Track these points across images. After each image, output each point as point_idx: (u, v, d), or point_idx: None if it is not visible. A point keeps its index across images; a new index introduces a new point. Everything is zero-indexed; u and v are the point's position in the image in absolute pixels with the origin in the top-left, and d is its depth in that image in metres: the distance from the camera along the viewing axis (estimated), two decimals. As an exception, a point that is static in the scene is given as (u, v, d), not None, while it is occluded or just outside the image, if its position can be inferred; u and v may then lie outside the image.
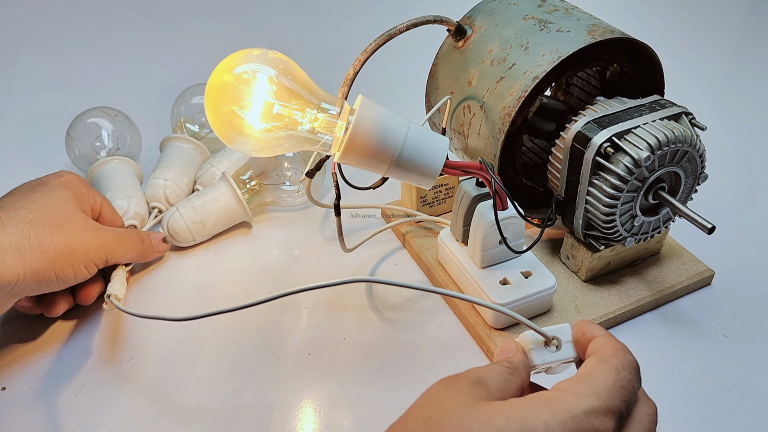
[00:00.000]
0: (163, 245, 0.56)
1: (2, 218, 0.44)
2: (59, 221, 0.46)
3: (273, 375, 0.48)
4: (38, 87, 0.87)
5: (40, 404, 0.46)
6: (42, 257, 0.44)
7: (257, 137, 0.42)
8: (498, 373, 0.32)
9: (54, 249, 0.45)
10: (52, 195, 0.47)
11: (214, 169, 0.63)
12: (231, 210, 0.59)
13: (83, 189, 0.51)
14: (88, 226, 0.48)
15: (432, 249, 0.57)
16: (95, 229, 0.48)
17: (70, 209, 0.48)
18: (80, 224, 0.47)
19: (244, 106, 0.41)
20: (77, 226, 0.47)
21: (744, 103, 0.82)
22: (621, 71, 0.53)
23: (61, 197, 0.48)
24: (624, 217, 0.48)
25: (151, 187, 0.61)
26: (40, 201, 0.46)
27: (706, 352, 0.49)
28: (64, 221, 0.46)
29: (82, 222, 0.48)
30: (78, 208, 0.49)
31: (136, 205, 0.58)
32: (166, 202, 0.61)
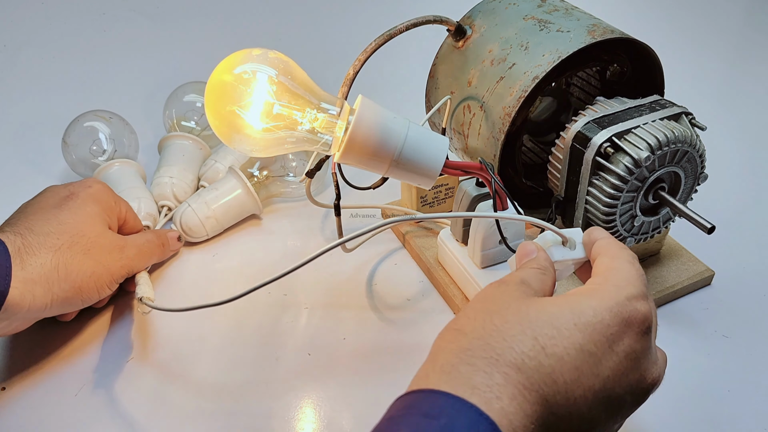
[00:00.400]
0: (178, 243, 0.57)
1: (32, 244, 0.44)
2: (86, 247, 0.46)
3: (273, 375, 0.48)
4: (38, 87, 0.87)
5: (40, 404, 0.46)
6: (69, 287, 0.45)
7: (257, 137, 0.42)
8: (534, 274, 0.35)
9: (81, 278, 0.46)
10: (80, 213, 0.48)
11: (218, 165, 0.63)
12: (242, 203, 0.60)
13: (111, 201, 0.51)
14: (113, 248, 0.49)
15: (432, 249, 0.57)
16: (119, 249, 0.49)
17: (97, 229, 0.48)
18: (106, 247, 0.48)
19: (244, 106, 0.41)
20: (103, 250, 0.48)
21: (744, 103, 0.82)
22: (621, 71, 0.53)
23: (89, 215, 0.48)
24: (624, 217, 0.48)
25: (158, 186, 0.61)
26: (68, 223, 0.47)
27: (706, 352, 0.49)
28: (90, 246, 0.47)
29: (108, 244, 0.48)
30: (105, 225, 0.49)
31: (146, 205, 0.59)
32: (174, 200, 0.61)
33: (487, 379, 0.28)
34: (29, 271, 0.43)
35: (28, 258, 0.43)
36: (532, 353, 0.29)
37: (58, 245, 0.45)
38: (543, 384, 0.29)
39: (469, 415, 0.27)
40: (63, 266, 0.45)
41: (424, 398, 0.28)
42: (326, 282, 0.56)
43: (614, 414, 0.31)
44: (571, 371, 0.29)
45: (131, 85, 0.86)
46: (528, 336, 0.30)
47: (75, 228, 0.47)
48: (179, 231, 0.58)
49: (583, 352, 0.30)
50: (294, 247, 0.60)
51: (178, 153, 0.63)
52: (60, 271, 0.44)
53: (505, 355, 0.29)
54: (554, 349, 0.29)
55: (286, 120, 0.42)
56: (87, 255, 0.46)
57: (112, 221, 0.51)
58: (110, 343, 0.50)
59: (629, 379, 0.31)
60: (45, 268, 0.44)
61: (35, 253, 0.44)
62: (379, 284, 0.56)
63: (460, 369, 0.29)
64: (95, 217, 0.48)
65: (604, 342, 0.30)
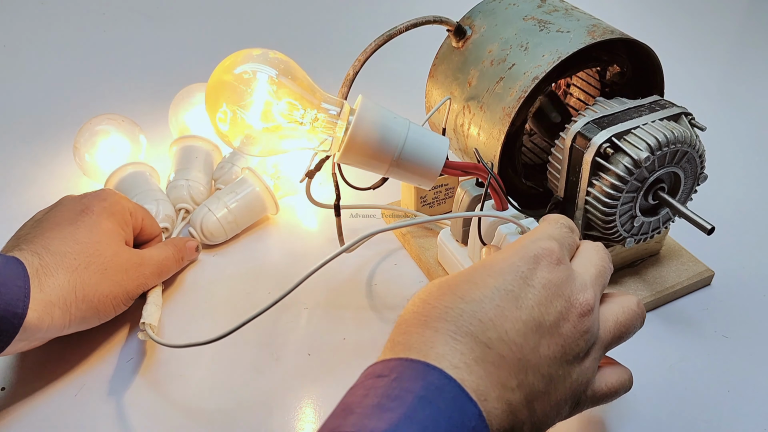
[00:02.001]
0: (195, 254, 0.57)
1: (50, 265, 0.44)
2: (103, 266, 0.47)
3: (273, 375, 0.48)
4: (38, 87, 0.87)
5: (40, 404, 0.46)
6: (87, 307, 0.45)
7: (257, 137, 0.42)
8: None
9: (98, 299, 0.46)
10: (96, 231, 0.48)
11: (235, 167, 0.63)
12: (261, 204, 0.60)
13: (126, 213, 0.51)
14: (130, 266, 0.49)
15: (432, 249, 0.57)
16: (136, 266, 0.49)
17: (113, 248, 0.48)
18: (122, 266, 0.48)
19: (245, 106, 0.42)
20: (119, 269, 0.48)
21: (744, 103, 0.82)
22: (621, 71, 0.53)
23: (105, 233, 0.48)
24: (624, 218, 0.48)
25: (175, 188, 0.61)
26: (84, 242, 0.46)
27: (706, 352, 0.49)
28: (107, 266, 0.47)
29: (124, 263, 0.48)
30: (121, 241, 0.49)
31: (164, 208, 0.58)
32: (192, 202, 0.61)
33: (419, 337, 0.32)
34: (47, 292, 0.43)
35: (46, 279, 0.43)
36: (451, 305, 0.33)
37: (75, 266, 0.45)
38: (469, 324, 0.32)
39: (413, 366, 0.30)
40: (80, 287, 0.45)
41: (373, 368, 0.32)
42: (326, 282, 0.56)
43: (557, 342, 0.33)
44: (493, 309, 0.32)
45: (131, 86, 0.86)
46: (447, 294, 0.34)
47: (91, 247, 0.47)
48: (198, 239, 0.58)
49: (500, 291, 0.33)
50: (294, 248, 0.60)
51: (191, 155, 0.63)
52: (77, 293, 0.45)
53: (431, 314, 0.33)
54: (472, 296, 0.33)
55: (286, 120, 0.42)
56: (104, 275, 0.46)
57: (128, 235, 0.51)
58: (110, 344, 0.50)
59: (555, 305, 0.34)
60: (63, 290, 0.44)
61: (53, 273, 0.44)
62: (379, 284, 0.56)
63: (398, 340, 0.33)
64: (111, 235, 0.48)
65: (518, 279, 0.34)
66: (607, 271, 0.39)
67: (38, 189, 0.67)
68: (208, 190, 0.63)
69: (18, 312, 0.41)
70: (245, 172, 0.61)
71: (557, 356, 0.33)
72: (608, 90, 0.55)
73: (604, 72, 0.54)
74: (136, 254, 0.50)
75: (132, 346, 0.50)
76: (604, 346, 0.36)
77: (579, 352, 0.34)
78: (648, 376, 0.47)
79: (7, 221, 0.63)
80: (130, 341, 0.50)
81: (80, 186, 0.67)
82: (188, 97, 0.68)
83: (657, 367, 0.48)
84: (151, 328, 0.47)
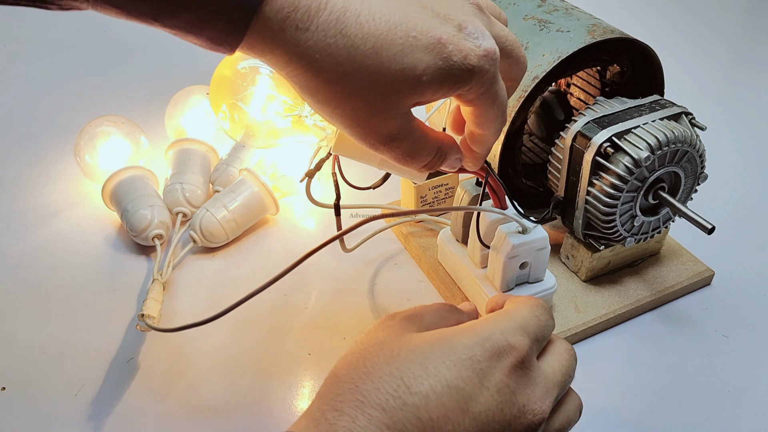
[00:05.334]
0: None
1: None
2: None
3: (273, 374, 0.48)
4: (39, 88, 0.87)
5: (40, 404, 0.46)
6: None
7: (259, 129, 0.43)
8: (436, 309, 0.35)
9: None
10: None
11: (231, 168, 0.63)
12: (261, 205, 0.60)
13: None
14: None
15: (432, 249, 0.57)
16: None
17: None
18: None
19: (246, 99, 0.42)
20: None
21: (744, 103, 0.82)
22: (621, 71, 0.53)
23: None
24: (624, 217, 0.48)
25: (170, 193, 0.61)
26: None
27: (706, 352, 0.49)
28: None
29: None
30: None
31: (159, 213, 0.58)
32: (188, 205, 0.60)
33: (350, 422, 0.29)
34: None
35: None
36: (396, 393, 0.29)
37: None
38: (407, 422, 0.29)
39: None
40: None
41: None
42: (326, 282, 0.56)
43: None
44: (437, 408, 0.29)
45: (132, 86, 0.86)
46: (395, 376, 0.30)
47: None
48: (199, 236, 0.57)
49: (450, 389, 0.30)
50: (295, 248, 0.60)
51: (187, 158, 0.63)
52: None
53: (370, 396, 0.29)
54: (419, 387, 0.29)
55: (287, 112, 0.42)
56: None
57: None
58: (110, 344, 0.50)
59: (505, 414, 0.30)
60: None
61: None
62: (379, 284, 0.56)
63: (327, 416, 0.29)
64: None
65: (474, 377, 0.30)
66: (570, 381, 0.35)
67: (39, 190, 0.67)
68: (206, 193, 0.62)
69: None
70: (244, 173, 0.61)
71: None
72: (608, 89, 0.55)
73: (604, 72, 0.54)
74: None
75: (132, 346, 0.50)
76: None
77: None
78: (648, 376, 0.47)
79: (7, 221, 0.63)
80: (130, 341, 0.50)
81: (81, 187, 0.67)
82: (184, 100, 0.68)
83: (657, 367, 0.48)
84: (150, 318, 0.47)
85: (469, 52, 0.30)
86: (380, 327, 0.34)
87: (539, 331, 0.34)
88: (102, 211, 0.63)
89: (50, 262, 0.58)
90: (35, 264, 0.58)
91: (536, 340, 0.33)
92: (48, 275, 0.57)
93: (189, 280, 0.56)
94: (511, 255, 0.43)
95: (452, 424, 0.29)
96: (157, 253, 0.56)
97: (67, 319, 0.52)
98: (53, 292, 0.55)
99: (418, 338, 0.32)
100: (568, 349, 0.35)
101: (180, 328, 0.43)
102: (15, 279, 0.56)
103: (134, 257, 0.58)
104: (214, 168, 0.64)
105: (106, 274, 0.57)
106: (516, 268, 0.44)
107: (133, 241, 0.59)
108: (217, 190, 0.62)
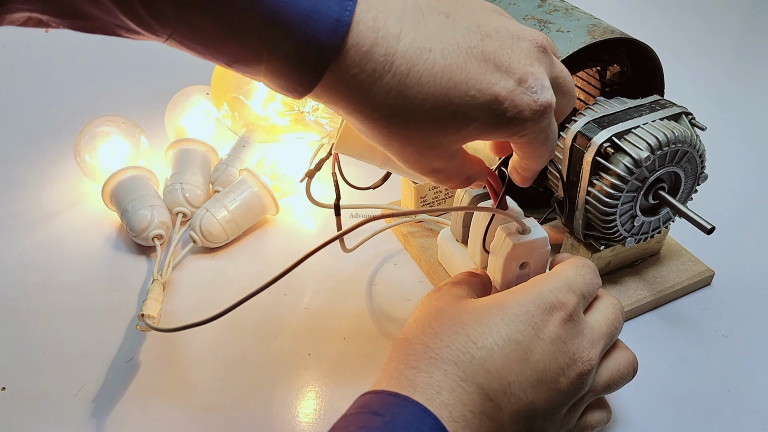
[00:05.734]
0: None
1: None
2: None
3: (273, 375, 0.48)
4: (39, 88, 0.87)
5: (40, 404, 0.46)
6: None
7: (261, 124, 0.42)
8: (465, 278, 0.40)
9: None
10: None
11: (230, 168, 0.63)
12: (261, 205, 0.60)
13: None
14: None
15: (432, 249, 0.57)
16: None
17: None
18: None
19: (248, 93, 0.42)
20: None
21: (744, 103, 0.82)
22: (621, 71, 0.53)
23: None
24: (624, 217, 0.48)
25: (170, 193, 0.61)
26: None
27: (706, 352, 0.49)
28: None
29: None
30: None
31: (159, 214, 0.58)
32: (188, 205, 0.60)
33: (428, 377, 0.32)
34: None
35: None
36: (464, 348, 0.33)
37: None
38: (477, 374, 0.32)
39: (411, 410, 0.30)
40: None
41: (374, 398, 0.32)
42: (326, 282, 0.56)
43: (552, 396, 0.34)
44: (501, 359, 0.33)
45: (133, 88, 0.86)
46: (461, 334, 0.33)
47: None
48: (198, 236, 0.57)
49: (510, 341, 0.33)
50: (295, 249, 0.60)
51: (186, 158, 0.63)
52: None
53: (442, 353, 0.33)
54: (484, 342, 0.33)
55: (289, 107, 0.42)
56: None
57: None
58: (110, 344, 0.50)
59: (558, 362, 0.34)
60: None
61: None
62: (379, 284, 0.56)
63: (405, 373, 0.32)
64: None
65: (530, 330, 0.34)
66: (617, 333, 0.39)
67: (39, 190, 0.67)
68: (206, 193, 0.62)
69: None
70: (244, 173, 0.61)
71: (548, 409, 0.34)
72: (608, 90, 0.55)
73: (604, 72, 0.54)
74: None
75: (132, 346, 0.50)
76: (591, 397, 0.38)
77: (569, 405, 0.36)
78: (648, 376, 0.47)
79: (7, 222, 0.63)
80: (130, 341, 0.50)
81: (81, 187, 0.67)
82: (185, 100, 0.68)
83: (657, 367, 0.48)
84: (150, 318, 0.47)
85: (525, 107, 0.31)
86: (433, 298, 0.38)
87: (585, 288, 0.37)
88: (102, 211, 0.63)
89: (50, 262, 0.58)
90: (35, 264, 0.58)
91: (582, 296, 0.37)
92: (48, 275, 0.57)
93: (189, 280, 0.56)
94: (511, 255, 0.43)
95: (515, 373, 0.33)
96: (157, 253, 0.56)
97: (67, 319, 0.52)
98: (53, 292, 0.55)
99: (474, 302, 0.36)
100: (614, 304, 0.39)
101: (180, 328, 0.43)
102: (15, 279, 0.56)
103: (134, 257, 0.58)
104: (214, 168, 0.64)
105: (106, 274, 0.57)
106: (516, 268, 0.44)
107: (133, 241, 0.59)
108: (217, 190, 0.62)
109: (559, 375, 0.34)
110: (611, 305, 0.39)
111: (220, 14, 0.27)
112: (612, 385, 0.39)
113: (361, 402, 0.32)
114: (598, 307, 0.39)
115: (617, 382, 0.39)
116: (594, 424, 0.39)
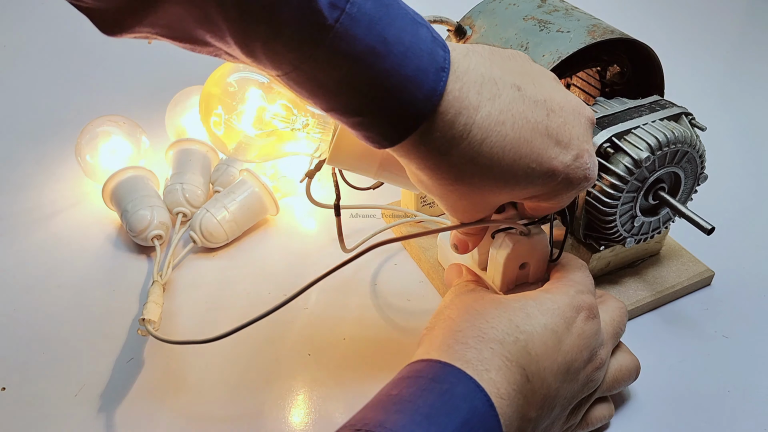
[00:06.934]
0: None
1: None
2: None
3: (273, 375, 0.48)
4: (39, 88, 0.87)
5: (40, 404, 0.46)
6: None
7: (251, 144, 0.43)
8: (472, 285, 0.43)
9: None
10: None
11: (231, 169, 0.63)
12: (261, 205, 0.60)
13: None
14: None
15: (432, 249, 0.57)
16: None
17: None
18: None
19: (237, 114, 0.42)
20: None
21: (744, 103, 0.82)
22: (621, 71, 0.53)
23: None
24: (624, 218, 0.48)
25: (170, 193, 0.60)
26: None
27: (706, 352, 0.49)
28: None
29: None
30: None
31: (159, 214, 0.58)
32: (188, 206, 0.60)
33: (478, 354, 0.34)
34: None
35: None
36: (508, 330, 0.35)
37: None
38: (520, 356, 0.34)
39: (467, 384, 0.32)
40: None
41: (430, 366, 0.33)
42: (326, 282, 0.55)
43: (572, 388, 0.37)
44: (540, 345, 0.35)
45: (133, 88, 0.86)
46: (504, 318, 0.36)
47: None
48: (198, 236, 0.57)
49: (547, 330, 0.36)
50: (295, 249, 0.60)
51: (187, 159, 0.63)
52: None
53: (488, 333, 0.35)
54: (526, 327, 0.35)
55: (278, 125, 0.42)
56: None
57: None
58: (110, 344, 0.50)
59: (583, 355, 0.37)
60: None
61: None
62: (379, 284, 0.56)
63: (455, 347, 0.34)
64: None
65: (563, 323, 0.37)
66: (621, 334, 0.42)
67: (39, 190, 0.67)
68: (206, 193, 0.62)
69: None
70: (244, 173, 0.61)
71: (568, 398, 0.37)
72: (608, 90, 0.55)
73: (604, 72, 0.54)
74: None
75: (132, 346, 0.50)
76: (596, 395, 0.41)
77: (582, 398, 0.38)
78: (648, 376, 0.47)
79: (8, 222, 0.63)
80: (130, 341, 0.50)
81: (82, 187, 0.67)
82: (185, 100, 0.68)
83: (657, 367, 0.48)
84: (150, 323, 0.47)
85: (576, 180, 0.35)
86: (463, 287, 0.41)
87: (593, 288, 0.41)
88: (102, 211, 0.63)
89: (50, 262, 0.58)
90: (35, 264, 0.58)
91: (594, 294, 0.40)
92: (48, 275, 0.57)
93: (189, 280, 0.56)
94: (511, 255, 0.43)
95: (550, 359, 0.35)
96: (157, 254, 0.56)
97: (67, 319, 0.52)
98: (53, 292, 0.55)
99: (503, 297, 0.38)
100: (619, 307, 0.43)
101: (181, 342, 0.44)
102: (15, 279, 0.56)
103: (134, 257, 0.58)
104: (215, 168, 0.64)
105: (106, 274, 0.57)
106: (516, 268, 0.44)
107: (134, 242, 0.59)
108: (218, 191, 0.62)
109: (581, 368, 0.37)
110: (616, 308, 0.42)
111: (336, 69, 0.29)
112: (614, 386, 0.41)
113: (417, 367, 0.34)
114: (605, 309, 0.42)
115: (620, 383, 0.41)
116: (599, 419, 0.41)
